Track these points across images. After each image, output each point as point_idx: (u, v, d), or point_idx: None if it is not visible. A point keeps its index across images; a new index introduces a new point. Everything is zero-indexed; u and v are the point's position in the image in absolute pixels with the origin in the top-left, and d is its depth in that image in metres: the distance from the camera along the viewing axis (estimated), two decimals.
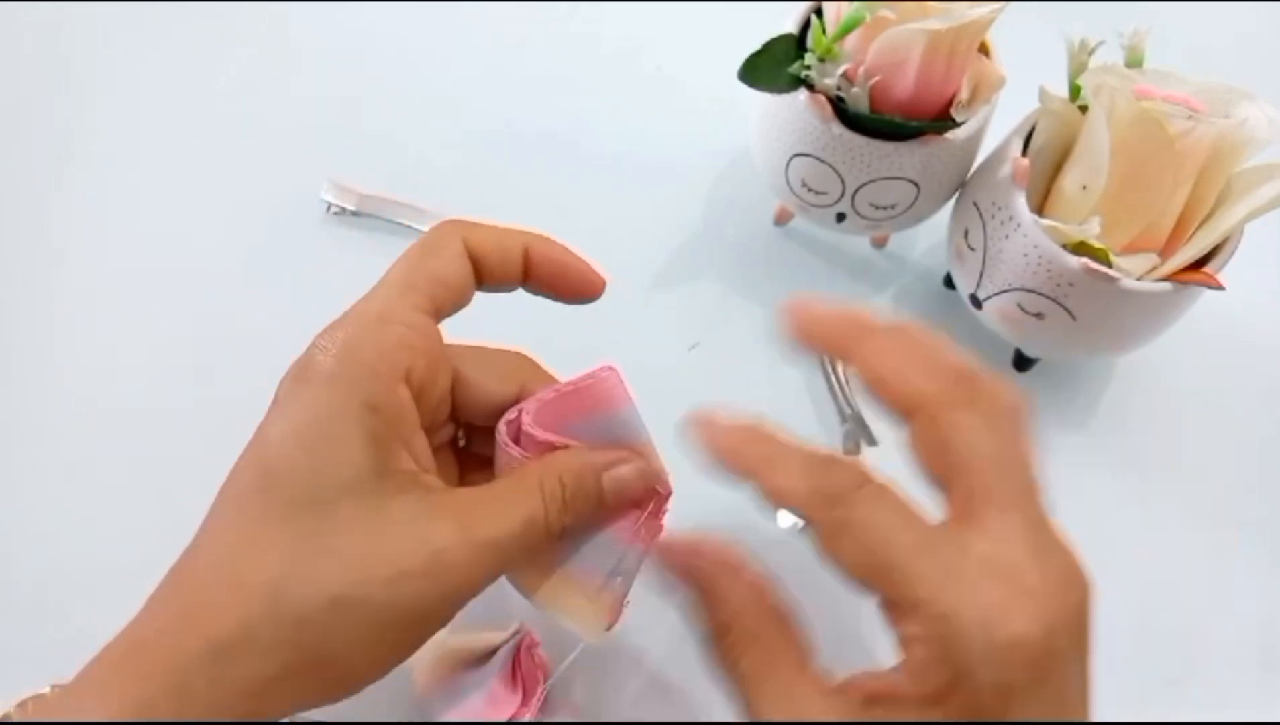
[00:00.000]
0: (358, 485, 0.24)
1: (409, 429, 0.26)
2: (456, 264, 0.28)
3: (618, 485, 0.28)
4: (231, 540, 0.24)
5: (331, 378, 0.25)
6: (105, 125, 0.50)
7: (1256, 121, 0.34)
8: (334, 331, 0.26)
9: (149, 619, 0.24)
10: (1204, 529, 0.42)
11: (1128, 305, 0.36)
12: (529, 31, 0.54)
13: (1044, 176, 0.39)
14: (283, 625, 0.23)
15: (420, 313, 0.27)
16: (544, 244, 0.29)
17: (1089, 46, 0.37)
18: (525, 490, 0.26)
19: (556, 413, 0.28)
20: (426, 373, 0.27)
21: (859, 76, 0.36)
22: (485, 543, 0.25)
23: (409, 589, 0.24)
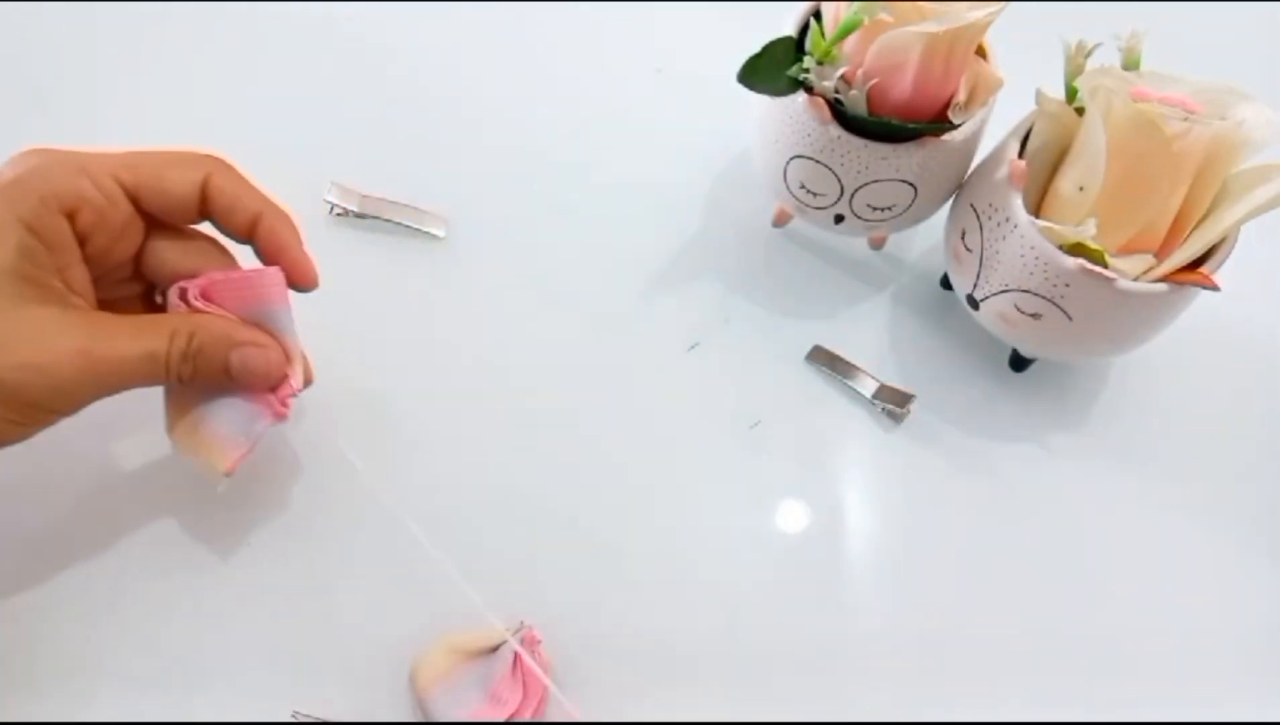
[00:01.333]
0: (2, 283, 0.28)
1: (68, 257, 0.30)
2: (184, 186, 0.32)
3: (243, 363, 0.32)
4: None
5: (3, 190, 0.29)
6: (105, 126, 0.50)
7: (1253, 123, 0.34)
8: (34, 152, 0.31)
9: None
10: (1201, 529, 0.42)
11: (1124, 306, 0.36)
12: (529, 32, 0.54)
13: (1041, 178, 0.39)
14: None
15: (113, 181, 0.31)
16: (277, 219, 0.34)
17: (1086, 49, 0.37)
18: (158, 329, 0.31)
19: (223, 292, 0.33)
20: (97, 225, 0.30)
21: (857, 79, 0.36)
22: (101, 357, 0.29)
23: (19, 378, 0.28)
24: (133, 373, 0.30)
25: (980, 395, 0.44)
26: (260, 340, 0.33)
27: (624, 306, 0.46)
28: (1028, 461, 0.43)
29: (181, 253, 0.34)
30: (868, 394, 0.44)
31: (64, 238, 0.30)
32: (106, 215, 0.31)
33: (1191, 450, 0.44)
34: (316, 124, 0.51)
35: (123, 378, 0.30)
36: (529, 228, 0.48)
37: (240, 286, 0.33)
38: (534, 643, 0.36)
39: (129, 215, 0.31)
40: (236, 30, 0.53)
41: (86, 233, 0.30)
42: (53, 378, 0.29)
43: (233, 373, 0.32)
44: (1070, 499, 0.43)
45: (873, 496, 0.42)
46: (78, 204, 0.30)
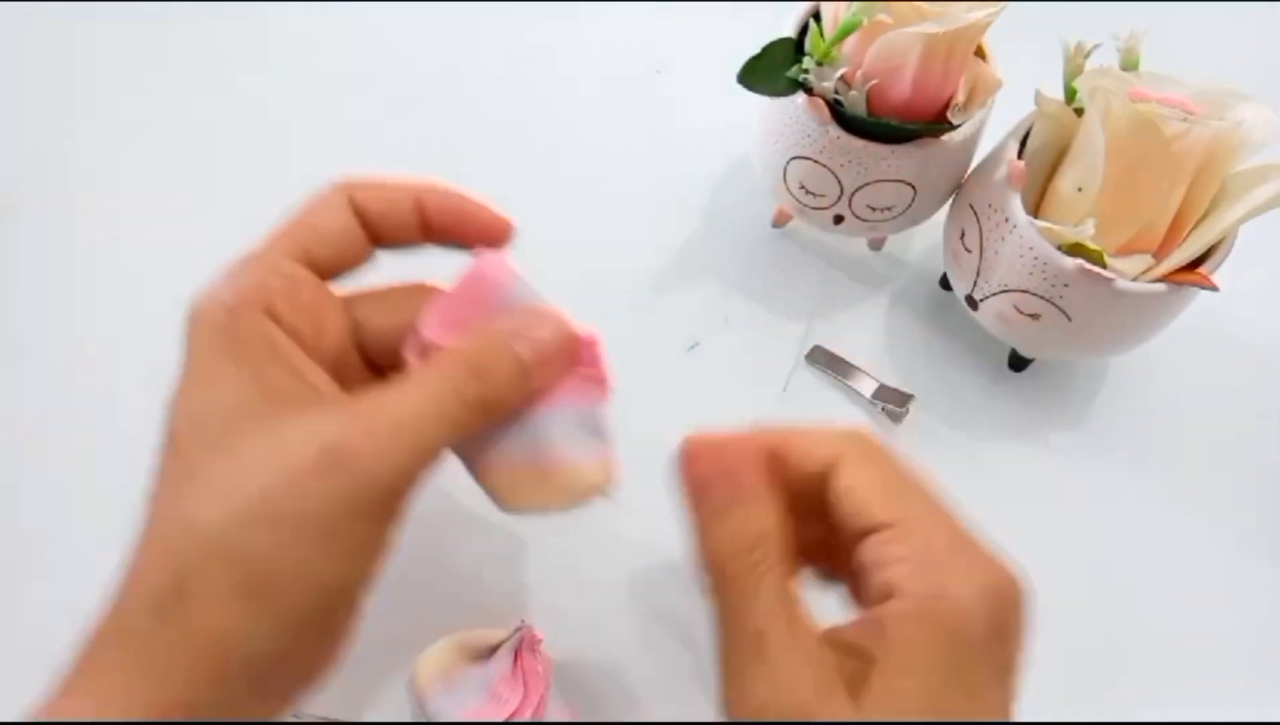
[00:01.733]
0: (250, 414, 0.24)
1: (292, 357, 0.26)
2: (336, 218, 0.28)
3: (534, 346, 0.27)
4: (156, 506, 0.25)
5: (200, 326, 0.26)
6: (105, 127, 0.50)
7: (1252, 123, 0.34)
8: (207, 285, 0.27)
9: (109, 601, 0.24)
10: (1201, 528, 0.42)
11: (1123, 306, 0.36)
12: (529, 32, 0.54)
13: (1040, 178, 0.39)
14: (203, 559, 0.23)
15: (287, 258, 0.27)
16: (438, 195, 0.29)
17: (1084, 49, 0.37)
18: (428, 372, 0.26)
19: (452, 317, 0.28)
20: (295, 313, 0.26)
21: (856, 80, 0.36)
22: (385, 426, 0.24)
23: (315, 489, 0.23)
24: (428, 429, 0.25)
25: (979, 395, 0.44)
26: (525, 319, 0.27)
27: (624, 306, 0.46)
28: (1027, 461, 0.43)
29: (387, 308, 0.29)
30: (867, 394, 0.44)
31: (276, 339, 0.26)
32: (296, 296, 0.27)
33: (1191, 450, 0.44)
34: (316, 124, 0.51)
35: (418, 441, 0.24)
36: (528, 227, 0.48)
37: (465, 293, 0.28)
38: (535, 642, 0.36)
39: (315, 286, 0.28)
40: (236, 30, 0.53)
41: (290, 323, 0.26)
42: (341, 476, 0.23)
43: (527, 365, 0.26)
44: (1070, 499, 0.43)
45: None
46: (267, 297, 0.26)
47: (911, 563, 0.24)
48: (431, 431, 0.25)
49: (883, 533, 0.24)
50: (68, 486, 0.41)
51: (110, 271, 0.46)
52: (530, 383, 0.27)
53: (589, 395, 0.29)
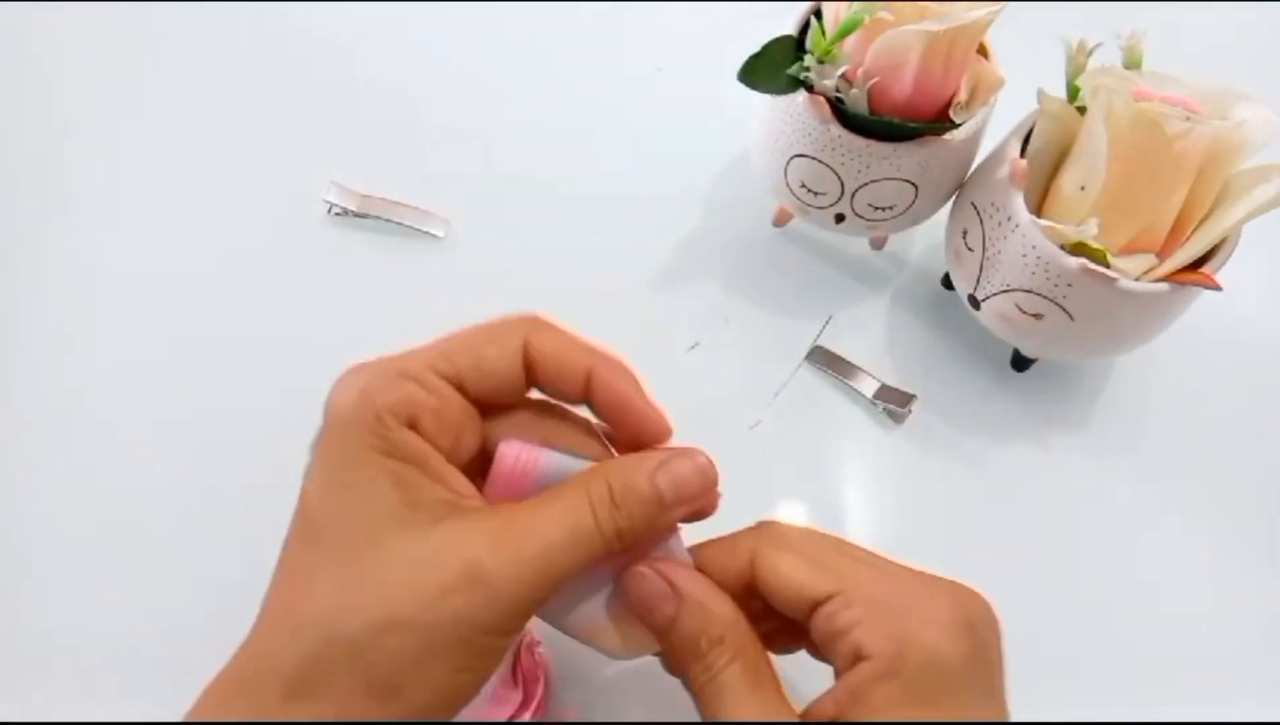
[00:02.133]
0: (395, 519, 0.25)
1: (435, 466, 0.26)
2: (504, 360, 0.27)
3: (673, 479, 0.27)
4: (289, 591, 0.25)
5: (347, 425, 0.26)
6: (105, 126, 0.50)
7: (1254, 123, 0.34)
8: (356, 374, 0.27)
9: (232, 668, 0.25)
10: (1202, 528, 0.42)
11: (1125, 306, 0.36)
12: (530, 33, 0.54)
13: (1042, 177, 0.39)
14: (338, 657, 0.24)
15: (440, 380, 0.27)
16: (611, 372, 0.28)
17: (1087, 48, 0.37)
18: (570, 496, 0.26)
19: None
20: (439, 430, 0.27)
21: (858, 78, 0.36)
22: (527, 549, 0.25)
23: (453, 604, 0.24)
24: (565, 555, 0.25)
25: (981, 395, 0.44)
26: (669, 453, 0.27)
27: (624, 306, 0.46)
28: (1029, 461, 0.43)
29: (514, 426, 0.29)
30: (868, 394, 0.43)
31: (421, 449, 0.26)
32: (443, 414, 0.27)
33: (1193, 450, 0.44)
34: (316, 124, 0.51)
35: (554, 566, 0.25)
36: (528, 227, 0.48)
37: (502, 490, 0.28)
38: (533, 644, 0.36)
39: (462, 407, 0.27)
40: (236, 30, 0.53)
41: (432, 438, 0.27)
42: (482, 594, 0.24)
43: (664, 495, 0.26)
44: (1072, 499, 0.43)
45: (873, 497, 0.42)
46: (414, 411, 0.26)
47: (867, 621, 0.25)
48: (568, 558, 0.25)
49: (827, 604, 0.26)
50: (61, 487, 0.41)
51: (110, 270, 0.46)
52: (667, 518, 0.27)
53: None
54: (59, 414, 0.42)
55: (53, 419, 0.42)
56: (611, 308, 0.46)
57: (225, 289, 0.46)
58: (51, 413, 0.42)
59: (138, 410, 0.43)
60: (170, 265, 0.46)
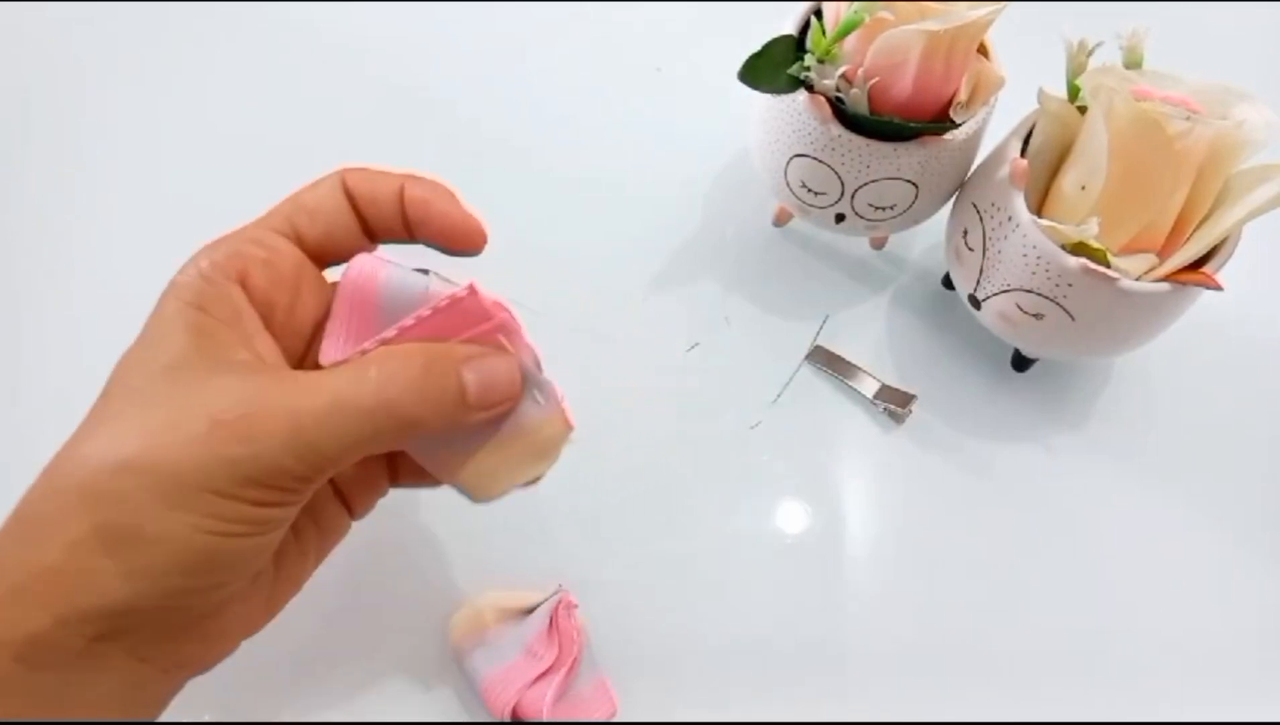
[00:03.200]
0: (179, 371, 0.24)
1: (248, 327, 0.26)
2: (327, 198, 0.28)
3: (482, 378, 0.26)
4: (67, 444, 0.25)
5: (169, 288, 0.26)
6: (105, 126, 0.50)
7: (1254, 123, 0.34)
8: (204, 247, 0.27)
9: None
10: (1203, 528, 0.42)
11: (1126, 305, 0.36)
12: (529, 32, 0.54)
13: (1043, 177, 0.39)
14: (72, 493, 0.23)
15: (268, 231, 0.28)
16: (418, 185, 0.28)
17: (1087, 47, 0.37)
18: (357, 368, 0.25)
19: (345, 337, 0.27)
20: (271, 285, 0.27)
21: (858, 78, 0.36)
22: (282, 413, 0.24)
23: (191, 455, 0.23)
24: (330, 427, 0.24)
25: (982, 395, 0.44)
26: (485, 350, 0.27)
27: (624, 306, 0.46)
28: (1030, 461, 0.43)
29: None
30: (869, 394, 0.43)
31: (238, 306, 0.26)
32: (275, 266, 0.27)
33: (1194, 450, 0.44)
34: (314, 125, 0.51)
35: (311, 436, 0.24)
36: (527, 227, 0.48)
37: (347, 309, 0.27)
38: (571, 607, 0.36)
39: (297, 260, 0.28)
40: (235, 30, 0.53)
41: (264, 294, 0.27)
42: (228, 446, 0.23)
43: (469, 397, 0.26)
44: (1072, 499, 0.43)
45: (874, 497, 0.42)
46: (242, 265, 0.26)
47: None
48: (332, 433, 0.24)
49: None
50: None
51: (108, 269, 0.46)
52: (467, 418, 0.26)
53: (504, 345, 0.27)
54: (60, 412, 0.42)
55: (52, 416, 0.42)
56: (611, 308, 0.46)
57: None
58: (52, 410, 0.42)
59: None
60: (169, 264, 0.46)
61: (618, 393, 0.44)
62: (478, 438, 0.27)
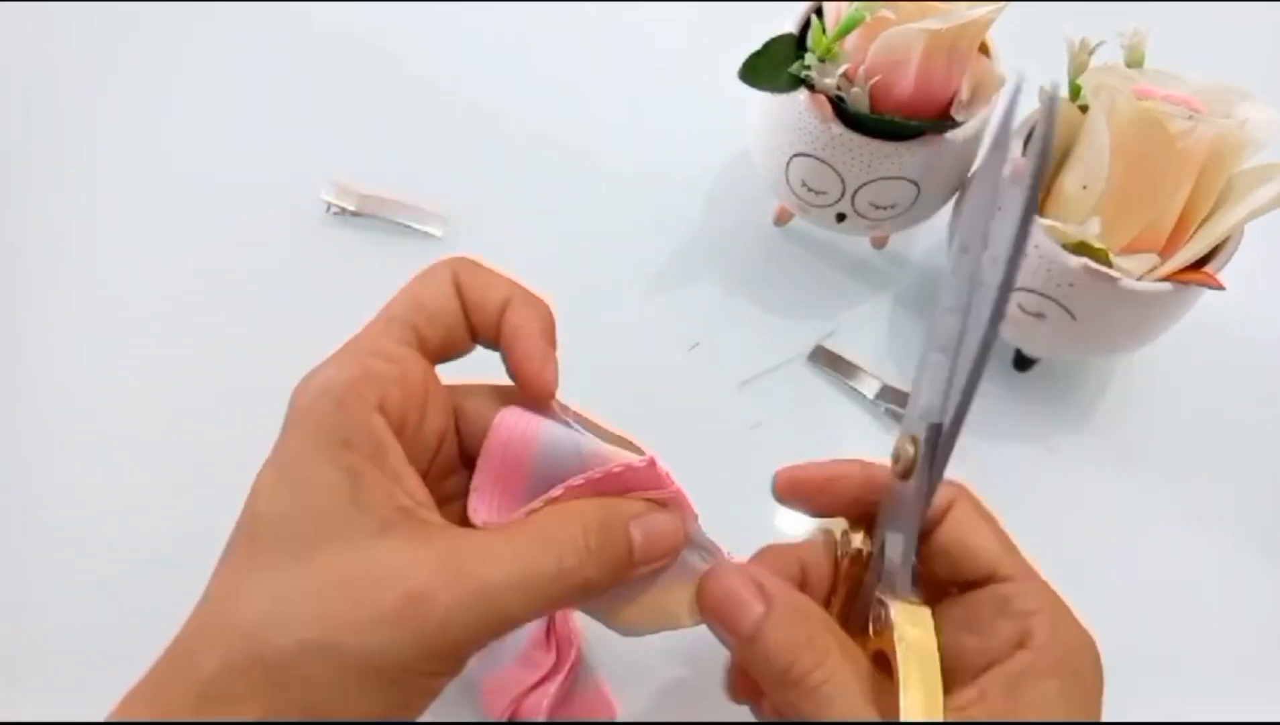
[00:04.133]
0: (337, 524, 0.23)
1: (394, 462, 0.24)
2: (443, 298, 0.27)
3: (647, 534, 0.25)
4: (222, 590, 0.24)
5: (305, 415, 0.24)
6: (105, 125, 0.50)
7: (1256, 122, 0.34)
8: (316, 368, 0.25)
9: (156, 668, 0.24)
10: (1205, 528, 0.42)
11: (1128, 305, 0.36)
12: (530, 32, 0.54)
13: (1044, 176, 0.39)
14: (258, 671, 0.22)
15: (398, 342, 0.26)
16: (520, 311, 0.27)
17: (1089, 46, 0.37)
18: (533, 531, 0.24)
19: (494, 491, 0.27)
20: (406, 402, 0.25)
21: (859, 76, 0.36)
22: (475, 588, 0.22)
23: (383, 635, 0.22)
24: (517, 598, 0.23)
25: (983, 395, 0.43)
26: (652, 507, 0.26)
27: (624, 306, 0.46)
28: (1031, 461, 0.43)
29: (486, 397, 0.28)
30: (870, 395, 0.43)
31: (382, 440, 0.24)
32: (407, 383, 0.25)
33: (1196, 450, 0.43)
34: (315, 122, 0.51)
35: (503, 608, 0.23)
36: (527, 227, 0.48)
37: (498, 460, 0.26)
38: (568, 611, 0.36)
39: (424, 371, 0.26)
40: (234, 29, 0.53)
41: (399, 415, 0.25)
42: (417, 629, 0.22)
43: (636, 553, 0.25)
44: (1074, 499, 0.42)
45: None
46: (379, 387, 0.25)
47: (1043, 616, 0.25)
48: (520, 603, 0.23)
49: (1006, 585, 0.26)
50: (65, 477, 0.41)
51: (108, 269, 0.46)
52: (635, 573, 0.26)
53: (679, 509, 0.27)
54: (60, 411, 0.42)
55: (53, 414, 0.42)
56: (611, 308, 0.46)
57: (223, 288, 0.45)
58: (52, 409, 0.42)
59: (136, 409, 0.42)
60: (168, 264, 0.46)
61: (618, 392, 0.44)
62: (637, 588, 0.27)
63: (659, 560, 0.26)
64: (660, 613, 0.27)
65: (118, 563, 0.39)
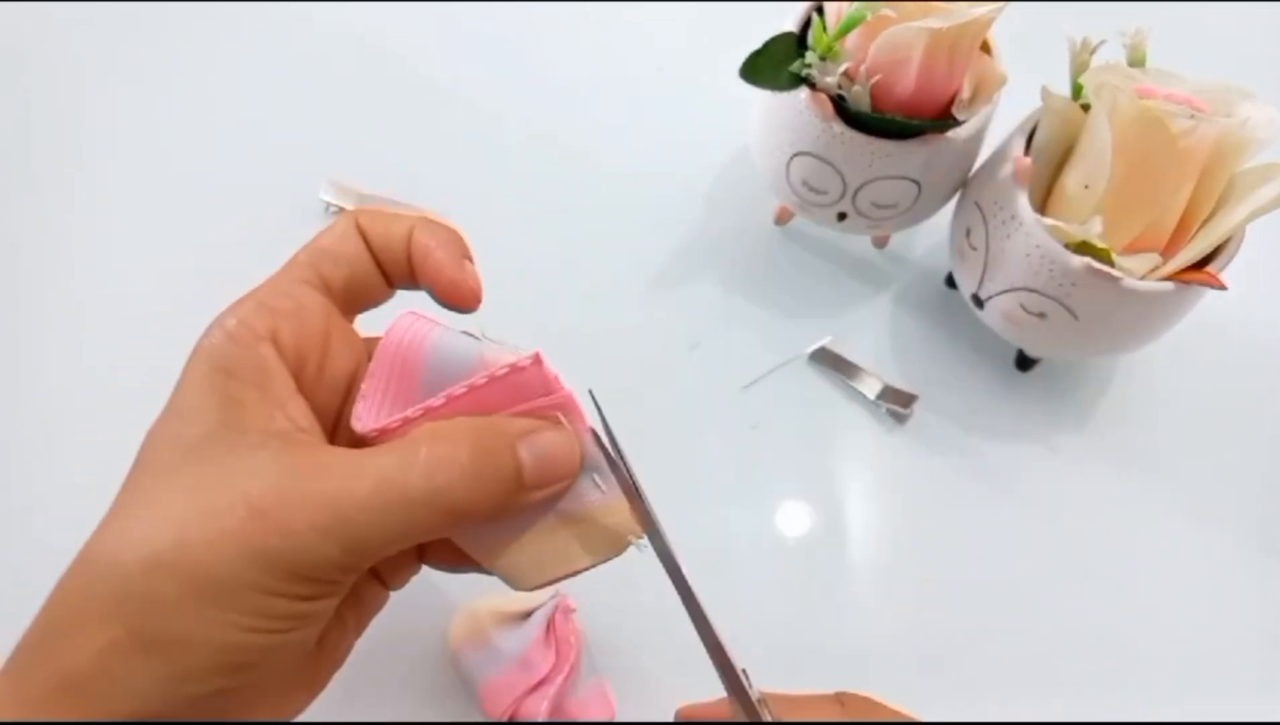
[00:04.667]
0: (207, 448, 0.23)
1: (280, 390, 0.24)
2: (345, 240, 0.26)
3: (536, 453, 0.24)
4: (99, 529, 0.23)
5: (197, 351, 0.25)
6: (105, 125, 0.50)
7: (1258, 121, 0.34)
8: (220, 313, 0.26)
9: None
10: (1206, 528, 0.42)
11: (1130, 305, 0.36)
12: (530, 32, 0.54)
13: (1046, 176, 0.39)
14: (106, 591, 0.21)
15: (294, 282, 0.26)
16: (426, 231, 0.26)
17: (1091, 45, 0.37)
18: (399, 449, 0.23)
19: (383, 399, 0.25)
20: (302, 337, 0.25)
21: (860, 75, 0.36)
22: (321, 503, 0.22)
23: (226, 551, 0.21)
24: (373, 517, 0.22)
25: (985, 396, 0.44)
26: (540, 424, 0.24)
27: (624, 306, 0.46)
28: (1032, 462, 0.43)
29: None
30: (871, 395, 0.43)
31: (269, 368, 0.24)
32: (303, 317, 0.25)
33: (1197, 450, 0.43)
34: (314, 122, 0.50)
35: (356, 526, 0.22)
36: (527, 227, 0.48)
37: (387, 368, 0.25)
38: (568, 611, 0.36)
39: (325, 309, 0.26)
40: (234, 29, 0.53)
41: (294, 350, 0.25)
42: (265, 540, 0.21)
43: (525, 476, 0.24)
44: (1075, 499, 0.42)
45: (876, 498, 0.42)
46: (270, 320, 0.25)
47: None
48: (377, 526, 0.22)
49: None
50: (65, 476, 0.41)
51: (108, 269, 0.46)
52: (521, 500, 0.24)
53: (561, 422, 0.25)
54: (59, 409, 0.42)
55: (53, 413, 0.42)
56: (612, 307, 0.46)
57: (222, 287, 0.45)
58: (52, 408, 0.42)
59: (135, 409, 0.42)
60: (166, 263, 0.46)
61: (617, 393, 0.44)
62: (525, 521, 0.25)
63: (552, 484, 0.24)
64: (553, 553, 0.25)
65: None
